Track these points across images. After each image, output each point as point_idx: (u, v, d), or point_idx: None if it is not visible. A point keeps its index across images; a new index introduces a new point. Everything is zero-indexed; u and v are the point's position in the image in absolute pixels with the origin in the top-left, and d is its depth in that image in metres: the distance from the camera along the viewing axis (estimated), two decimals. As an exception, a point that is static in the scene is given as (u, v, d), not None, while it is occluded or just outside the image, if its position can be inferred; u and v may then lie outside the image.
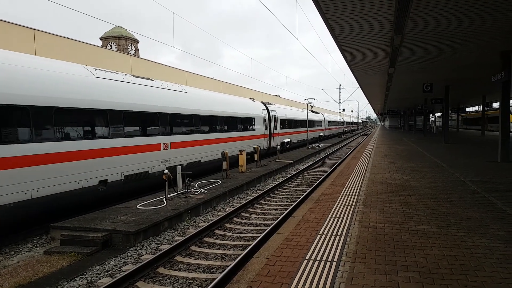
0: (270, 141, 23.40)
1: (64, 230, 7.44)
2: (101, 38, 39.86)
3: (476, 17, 9.19)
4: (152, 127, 11.53)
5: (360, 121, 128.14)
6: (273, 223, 8.12)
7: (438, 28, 10.09)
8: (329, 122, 49.68)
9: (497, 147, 14.14)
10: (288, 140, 24.31)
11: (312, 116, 38.37)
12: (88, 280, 5.63)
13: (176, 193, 10.40)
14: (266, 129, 22.25)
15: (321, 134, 40.62)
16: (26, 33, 15.68)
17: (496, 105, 43.86)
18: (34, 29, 15.97)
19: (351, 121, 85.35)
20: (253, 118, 20.25)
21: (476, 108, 59.15)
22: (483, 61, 15.21)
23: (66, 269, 6.08)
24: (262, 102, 24.05)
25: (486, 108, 35.73)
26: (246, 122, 19.34)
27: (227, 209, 10.00)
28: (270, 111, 23.62)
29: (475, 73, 18.54)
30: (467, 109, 59.22)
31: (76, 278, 5.70)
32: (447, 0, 7.94)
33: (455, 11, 8.70)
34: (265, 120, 22.18)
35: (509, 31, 10.45)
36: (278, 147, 21.83)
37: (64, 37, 17.66)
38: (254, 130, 20.24)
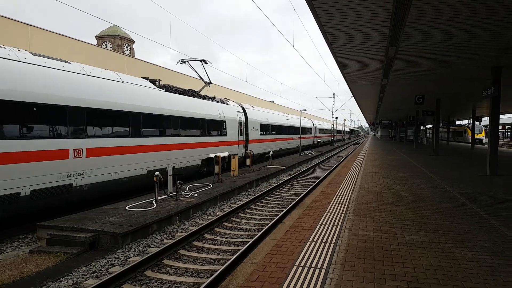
0: None
1: (50, 229, 7.32)
2: (96, 37, 39.70)
3: (470, 33, 9.36)
4: None
5: (347, 129, 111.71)
6: (263, 229, 8.10)
7: (432, 42, 10.25)
8: (281, 127, 28.73)
9: (485, 160, 14.34)
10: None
11: (191, 107, 14.57)
12: (74, 281, 5.54)
13: (166, 196, 10.33)
14: None
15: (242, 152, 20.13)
16: (20, 29, 15.54)
17: (485, 119, 44.76)
18: (29, 25, 15.84)
19: (332, 128, 59.55)
20: None
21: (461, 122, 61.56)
22: (474, 76, 15.46)
23: (52, 269, 5.98)
24: None
25: (451, 125, 36.73)
26: None
27: (217, 213, 9.96)
28: None
29: (466, 87, 18.83)
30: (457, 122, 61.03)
31: (61, 279, 5.61)
32: (442, 14, 8.09)
33: (449, 26, 8.85)
34: None
35: (501, 47, 10.67)
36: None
37: (59, 34, 17.55)
38: None
